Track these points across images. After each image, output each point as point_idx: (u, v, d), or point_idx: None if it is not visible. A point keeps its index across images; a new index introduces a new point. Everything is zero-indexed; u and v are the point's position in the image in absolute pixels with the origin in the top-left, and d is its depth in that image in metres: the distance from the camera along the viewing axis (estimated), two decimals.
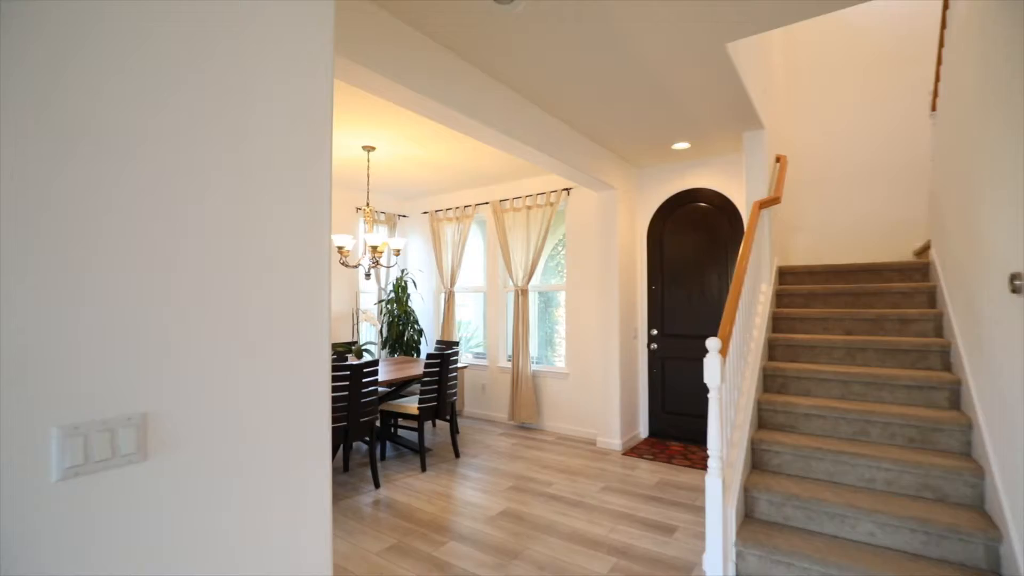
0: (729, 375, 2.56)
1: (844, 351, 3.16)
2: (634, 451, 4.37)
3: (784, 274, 4.14)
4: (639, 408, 4.86)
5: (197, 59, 0.99)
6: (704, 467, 3.94)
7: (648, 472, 3.86)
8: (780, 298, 3.86)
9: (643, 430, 4.85)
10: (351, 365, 3.38)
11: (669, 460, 4.12)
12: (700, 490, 3.48)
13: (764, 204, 3.48)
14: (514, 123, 3.20)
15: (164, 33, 0.94)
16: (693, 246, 4.62)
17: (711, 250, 4.52)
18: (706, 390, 4.46)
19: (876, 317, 3.25)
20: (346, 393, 3.38)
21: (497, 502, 3.34)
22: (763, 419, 2.96)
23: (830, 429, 2.77)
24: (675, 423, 4.67)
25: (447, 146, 4.24)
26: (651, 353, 4.83)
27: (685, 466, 3.98)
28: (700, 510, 3.18)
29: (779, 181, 3.88)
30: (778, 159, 4.16)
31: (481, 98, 2.91)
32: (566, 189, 5.03)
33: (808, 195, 4.75)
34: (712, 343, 2.29)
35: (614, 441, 4.47)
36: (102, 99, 0.86)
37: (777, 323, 3.61)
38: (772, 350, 3.40)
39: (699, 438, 4.53)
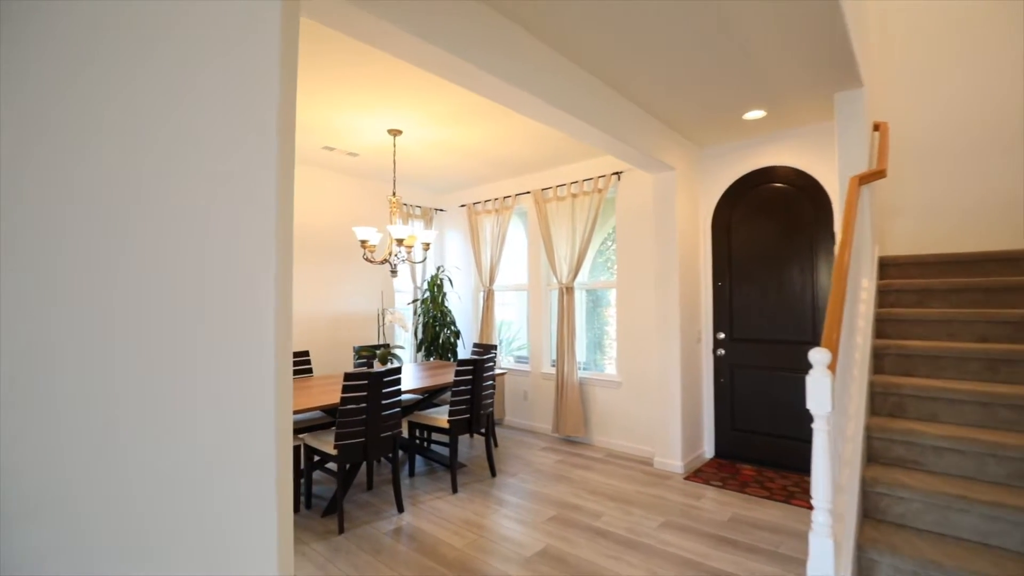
0: (837, 395, 1.95)
1: (981, 364, 2.44)
2: (698, 475, 3.75)
3: (886, 266, 3.41)
4: (703, 424, 4.22)
5: None
6: (785, 498, 3.27)
7: (717, 504, 3.24)
8: (883, 295, 3.14)
9: (708, 449, 4.20)
10: (370, 373, 2.97)
11: (741, 488, 3.47)
12: (784, 531, 2.84)
13: (864, 179, 2.80)
14: (558, 90, 2.69)
15: None
16: (768, 235, 3.93)
17: (790, 238, 3.82)
18: (794, 409, 3.77)
19: (1022, 320, 2.51)
20: (364, 405, 2.98)
21: (535, 537, 2.83)
22: (874, 451, 2.30)
23: (973, 469, 2.09)
24: (747, 443, 4.00)
25: (478, 128, 3.78)
26: (717, 360, 4.17)
27: (761, 496, 3.33)
28: (787, 560, 2.55)
29: (882, 151, 3.16)
30: (877, 126, 3.42)
31: (520, 60, 2.43)
32: (616, 173, 4.45)
33: (908, 173, 3.96)
34: (818, 356, 1.69)
35: (674, 462, 3.86)
36: None
37: (882, 326, 2.91)
38: (879, 360, 2.72)
39: (777, 461, 3.84)
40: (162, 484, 1.07)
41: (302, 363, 4.19)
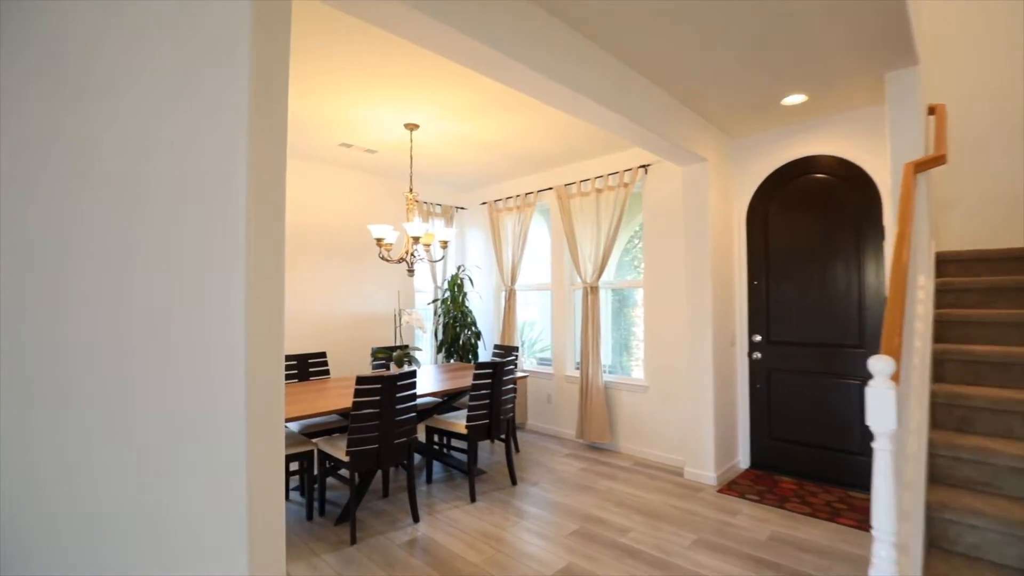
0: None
1: None
2: (733, 488, 3.50)
3: (943, 262, 3.11)
4: (738, 432, 3.96)
5: None
6: (830, 516, 3.01)
7: (754, 520, 3.00)
8: (942, 294, 2.85)
9: (743, 460, 3.94)
10: (383, 377, 2.84)
11: (781, 504, 3.21)
12: (832, 554, 2.59)
13: (921, 166, 2.53)
14: (583, 77, 2.51)
15: None
16: (809, 229, 3.65)
17: (834, 233, 3.54)
18: (838, 417, 3.49)
19: None
20: (377, 411, 2.85)
21: (557, 554, 2.65)
22: (938, 470, 2.05)
23: None
24: (785, 453, 3.73)
25: (497, 121, 3.61)
26: (753, 364, 3.91)
27: (803, 513, 3.07)
28: None
29: (939, 136, 2.86)
30: (932, 109, 3.12)
31: (543, 46, 2.26)
32: (643, 166, 4.22)
33: (963, 161, 3.64)
34: (880, 365, 1.46)
35: (706, 473, 3.62)
36: None
37: (941, 329, 2.63)
38: (938, 367, 2.45)
39: (818, 473, 3.56)
40: (128, 483, 0.98)
41: (319, 364, 4.10)
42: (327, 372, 4.12)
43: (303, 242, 4.51)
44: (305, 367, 4.02)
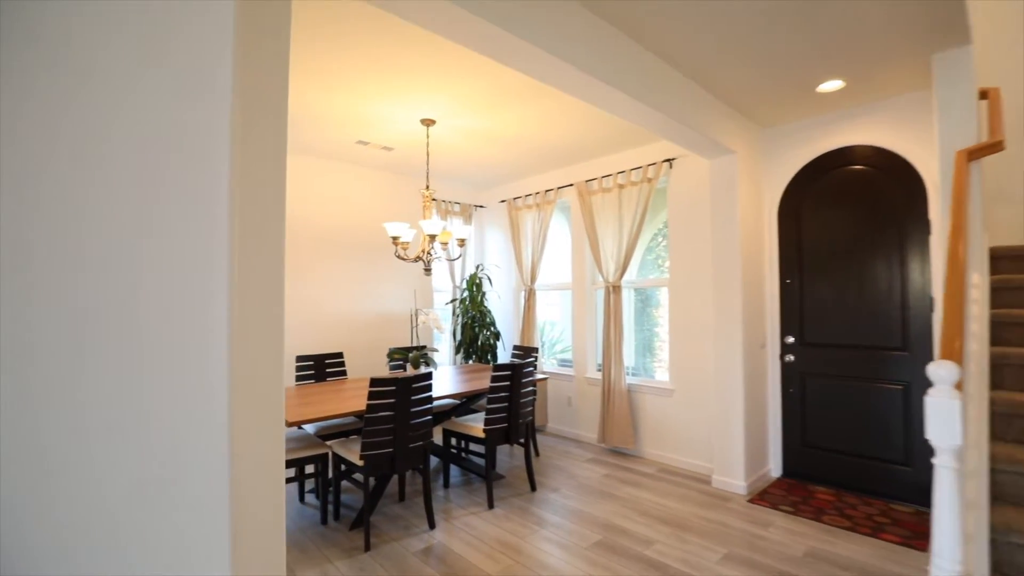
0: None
1: None
2: (764, 497, 3.32)
3: (996, 258, 2.87)
4: (768, 438, 3.76)
5: None
6: (872, 531, 2.81)
7: (788, 533, 2.82)
8: (996, 293, 2.63)
9: (774, 467, 3.74)
10: (397, 380, 2.75)
11: (817, 516, 3.02)
12: (873, 574, 2.40)
13: (975, 154, 2.33)
14: (600, 59, 2.37)
15: None
16: (846, 224, 3.44)
17: (874, 228, 3.32)
18: (879, 424, 3.28)
19: None
20: (391, 413, 2.76)
21: (578, 566, 2.52)
22: (1001, 488, 1.86)
23: None
24: (821, 461, 3.52)
25: (514, 115, 3.50)
26: (785, 367, 3.71)
27: (843, 527, 2.87)
28: None
29: (994, 121, 2.63)
30: (984, 93, 2.89)
31: (565, 31, 2.13)
32: (667, 160, 4.06)
33: (1015, 149, 3.37)
34: (942, 371, 1.30)
35: (736, 482, 3.44)
36: None
37: (998, 331, 2.42)
38: (996, 372, 2.24)
39: (858, 484, 3.35)
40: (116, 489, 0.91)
41: (336, 365, 4.04)
42: (344, 373, 4.06)
43: (320, 242, 4.47)
44: (322, 368, 3.97)
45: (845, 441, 3.41)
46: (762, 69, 2.85)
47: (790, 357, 3.68)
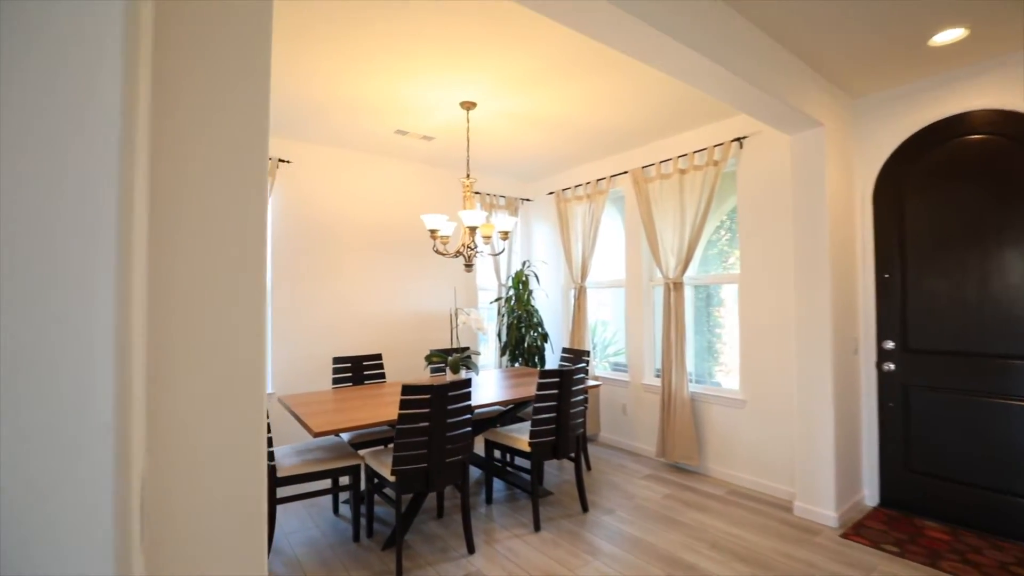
0: None
1: None
2: (861, 532, 2.80)
3: None
4: (863, 460, 3.22)
5: None
6: None
7: None
8: None
9: (870, 495, 3.20)
10: (432, 387, 2.47)
11: (932, 561, 2.49)
12: None
13: None
14: (679, 19, 1.99)
15: None
16: (964, 206, 2.86)
17: (1004, 212, 2.73)
18: (1014, 450, 2.70)
19: None
20: (426, 424, 2.48)
21: None
22: None
23: None
24: (931, 491, 2.96)
25: (558, 91, 3.14)
26: (884, 377, 3.16)
27: None
28: None
29: None
30: None
31: None
32: (737, 140, 3.57)
33: None
34: None
35: (824, 511, 2.94)
36: None
37: None
38: None
39: (981, 522, 2.77)
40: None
41: (374, 368, 3.84)
42: (383, 376, 3.85)
43: (358, 239, 4.29)
44: (360, 370, 3.77)
45: (963, 468, 2.83)
46: (860, 18, 2.36)
47: (890, 365, 3.12)
